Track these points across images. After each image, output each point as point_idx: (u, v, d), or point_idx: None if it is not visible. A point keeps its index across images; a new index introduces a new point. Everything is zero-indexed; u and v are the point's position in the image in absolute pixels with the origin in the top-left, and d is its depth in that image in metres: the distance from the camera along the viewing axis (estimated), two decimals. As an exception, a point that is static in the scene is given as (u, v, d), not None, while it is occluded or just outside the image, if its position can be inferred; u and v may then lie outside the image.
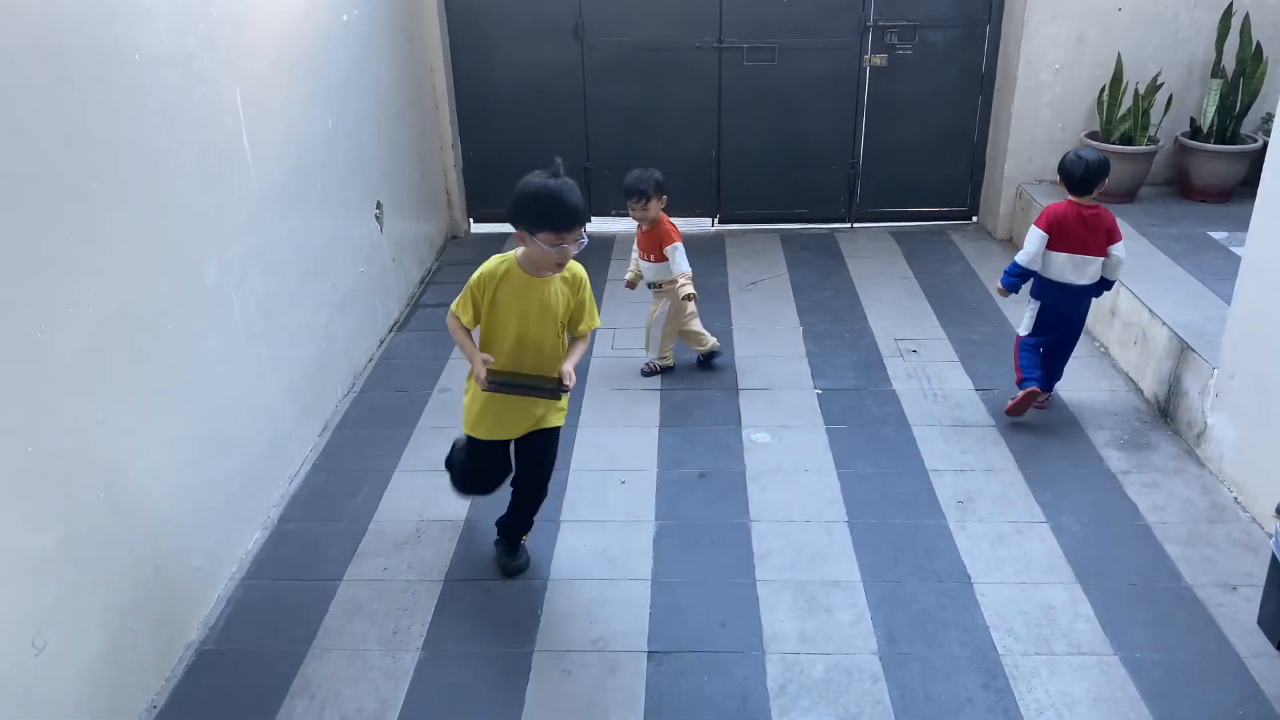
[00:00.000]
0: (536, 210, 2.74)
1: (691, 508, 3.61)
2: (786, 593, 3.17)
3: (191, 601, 3.06)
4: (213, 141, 3.21)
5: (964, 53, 6.09)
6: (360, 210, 4.69)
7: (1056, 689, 2.77)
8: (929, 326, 4.98)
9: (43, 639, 2.35)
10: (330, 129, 4.27)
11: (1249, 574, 3.18)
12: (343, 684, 2.86)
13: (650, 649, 2.96)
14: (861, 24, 6.00)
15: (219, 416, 3.24)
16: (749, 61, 6.11)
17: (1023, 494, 3.63)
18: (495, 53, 6.14)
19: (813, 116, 6.25)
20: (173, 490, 2.94)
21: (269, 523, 3.57)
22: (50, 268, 2.39)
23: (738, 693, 2.79)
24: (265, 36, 3.65)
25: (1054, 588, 3.16)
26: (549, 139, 6.30)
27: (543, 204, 2.73)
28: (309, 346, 4.00)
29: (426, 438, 4.10)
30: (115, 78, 2.66)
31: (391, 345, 4.94)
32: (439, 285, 5.69)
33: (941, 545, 3.37)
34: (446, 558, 3.37)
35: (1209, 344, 3.84)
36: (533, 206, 2.75)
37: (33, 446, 2.32)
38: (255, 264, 3.49)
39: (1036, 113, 5.84)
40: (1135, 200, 5.65)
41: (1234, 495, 3.58)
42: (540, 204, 2.73)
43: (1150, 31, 5.63)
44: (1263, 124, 5.58)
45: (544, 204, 2.73)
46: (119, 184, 2.67)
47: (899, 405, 4.25)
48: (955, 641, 2.95)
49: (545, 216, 2.74)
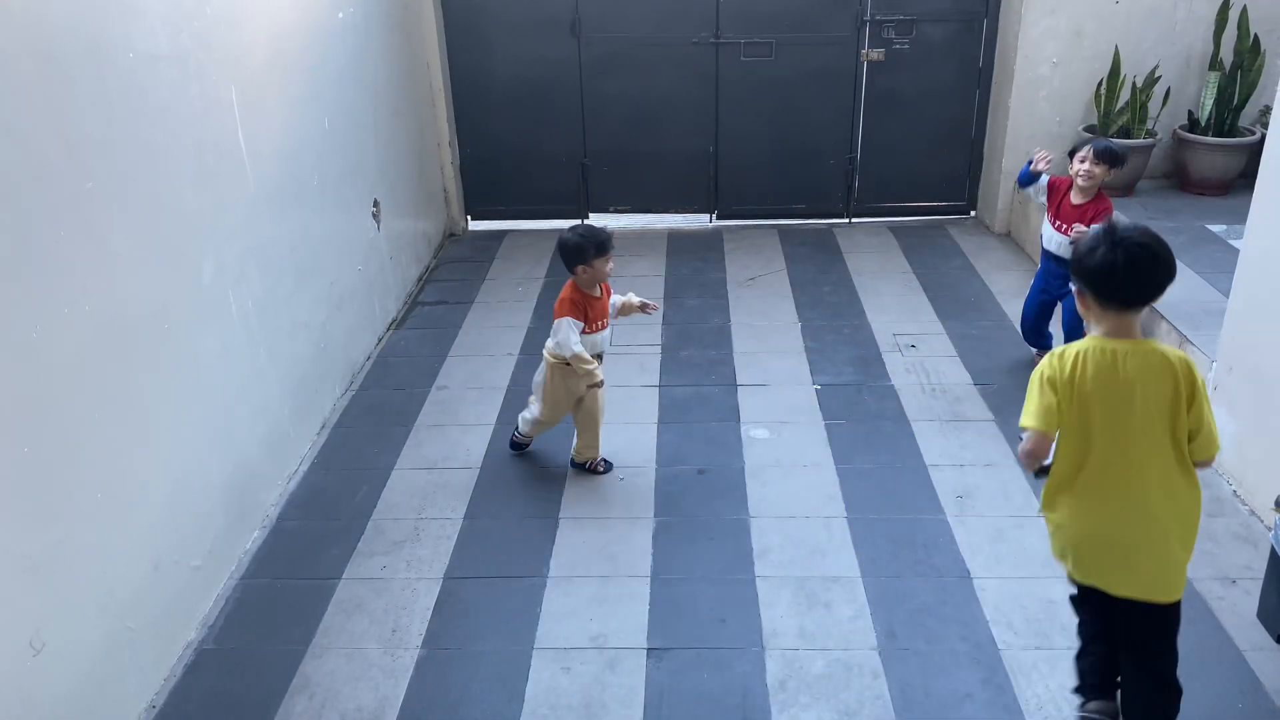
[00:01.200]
0: None
1: (690, 504, 3.61)
2: (786, 589, 3.17)
3: (190, 601, 3.06)
4: (209, 140, 3.20)
5: (961, 47, 6.08)
6: (357, 208, 4.68)
7: (1056, 683, 2.77)
8: (927, 321, 4.98)
9: (41, 639, 2.35)
10: (327, 127, 4.26)
11: (1248, 567, 3.18)
12: (342, 682, 2.86)
13: (650, 646, 2.96)
14: (859, 19, 5.99)
15: (217, 415, 3.23)
16: (746, 57, 6.10)
17: (1021, 488, 3.63)
18: (492, 49, 6.13)
19: (810, 112, 6.24)
20: (170, 489, 2.94)
21: (268, 521, 3.57)
22: (46, 267, 2.38)
23: (737, 689, 2.79)
24: (261, 34, 3.64)
25: (1053, 582, 3.16)
26: (546, 136, 6.30)
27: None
28: (307, 345, 4.00)
29: (425, 436, 4.10)
30: (110, 76, 2.66)
31: (389, 343, 4.94)
32: (437, 283, 5.69)
33: (940, 540, 3.37)
34: (445, 556, 3.37)
35: (1208, 337, 3.84)
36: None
37: (29, 446, 2.32)
38: (252, 262, 3.49)
39: (1034, 106, 5.84)
40: (1133, 193, 5.64)
41: (1233, 488, 3.57)
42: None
43: (1148, 24, 5.63)
44: (1260, 117, 5.57)
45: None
46: (115, 183, 2.67)
47: (898, 400, 4.25)
48: (955, 636, 2.95)
49: None
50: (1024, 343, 4.67)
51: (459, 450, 3.98)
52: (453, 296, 5.47)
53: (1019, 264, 5.68)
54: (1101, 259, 2.19)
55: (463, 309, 5.29)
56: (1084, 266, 2.24)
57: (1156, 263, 2.21)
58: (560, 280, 5.62)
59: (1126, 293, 2.24)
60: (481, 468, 3.86)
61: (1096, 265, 2.20)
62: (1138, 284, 2.23)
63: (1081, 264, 2.24)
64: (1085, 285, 2.26)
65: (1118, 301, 2.25)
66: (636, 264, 5.78)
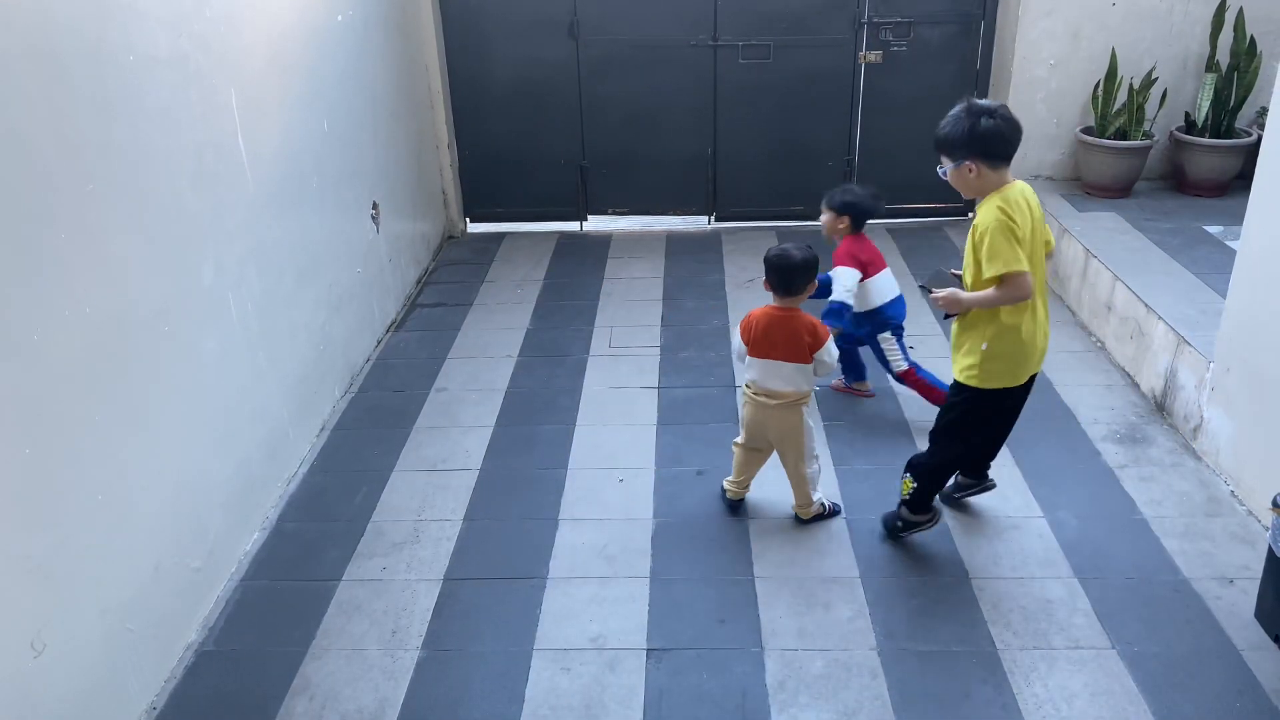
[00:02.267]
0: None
1: (689, 505, 3.62)
2: (785, 589, 3.17)
3: (191, 602, 3.06)
4: (209, 142, 3.21)
5: (959, 49, 6.09)
6: (356, 210, 4.69)
7: (1055, 683, 2.78)
8: (926, 323, 4.98)
9: (42, 641, 2.36)
10: (326, 129, 4.27)
11: (1246, 567, 3.19)
12: (342, 684, 2.86)
13: (649, 646, 2.96)
14: (856, 21, 6.00)
15: (217, 417, 3.24)
16: (744, 59, 6.11)
17: (1019, 488, 3.64)
18: (491, 52, 6.14)
19: (808, 114, 6.25)
20: (171, 491, 2.94)
21: (267, 523, 3.57)
22: (47, 269, 2.39)
23: (737, 690, 2.80)
24: (260, 36, 3.65)
25: (1051, 582, 3.17)
26: (545, 138, 6.31)
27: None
28: (306, 347, 4.00)
29: (424, 437, 4.10)
30: (110, 79, 2.66)
31: (389, 345, 4.94)
32: (436, 285, 5.69)
33: (938, 540, 3.37)
34: (445, 557, 3.38)
35: (1205, 338, 3.85)
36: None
37: (30, 449, 2.33)
38: (252, 264, 3.49)
39: (1032, 108, 5.84)
40: (1130, 195, 5.65)
41: (1231, 488, 3.58)
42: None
43: (1144, 26, 5.64)
44: (1257, 118, 5.58)
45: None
46: (115, 185, 2.67)
47: (896, 402, 4.25)
48: (953, 637, 2.96)
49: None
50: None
51: (458, 452, 3.98)
52: (452, 298, 5.47)
53: (1017, 265, 5.68)
54: (989, 127, 2.77)
55: (462, 311, 5.30)
56: (975, 136, 2.78)
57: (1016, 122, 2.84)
58: (560, 282, 5.66)
59: (1013, 147, 2.82)
60: (481, 469, 3.87)
61: (985, 132, 2.77)
62: (1018, 137, 2.82)
63: (971, 136, 2.78)
64: (977, 153, 2.80)
65: (1007, 157, 2.82)
66: (635, 266, 5.79)
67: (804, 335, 3.22)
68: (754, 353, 3.29)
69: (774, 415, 3.30)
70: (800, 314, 3.26)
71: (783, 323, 3.25)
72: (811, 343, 3.22)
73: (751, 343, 3.29)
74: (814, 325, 3.24)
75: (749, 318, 3.33)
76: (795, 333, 3.23)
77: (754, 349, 3.29)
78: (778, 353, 3.25)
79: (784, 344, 3.24)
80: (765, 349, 3.26)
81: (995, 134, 2.77)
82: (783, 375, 3.26)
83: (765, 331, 3.26)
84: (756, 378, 3.31)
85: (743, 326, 3.34)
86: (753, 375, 3.33)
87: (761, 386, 3.30)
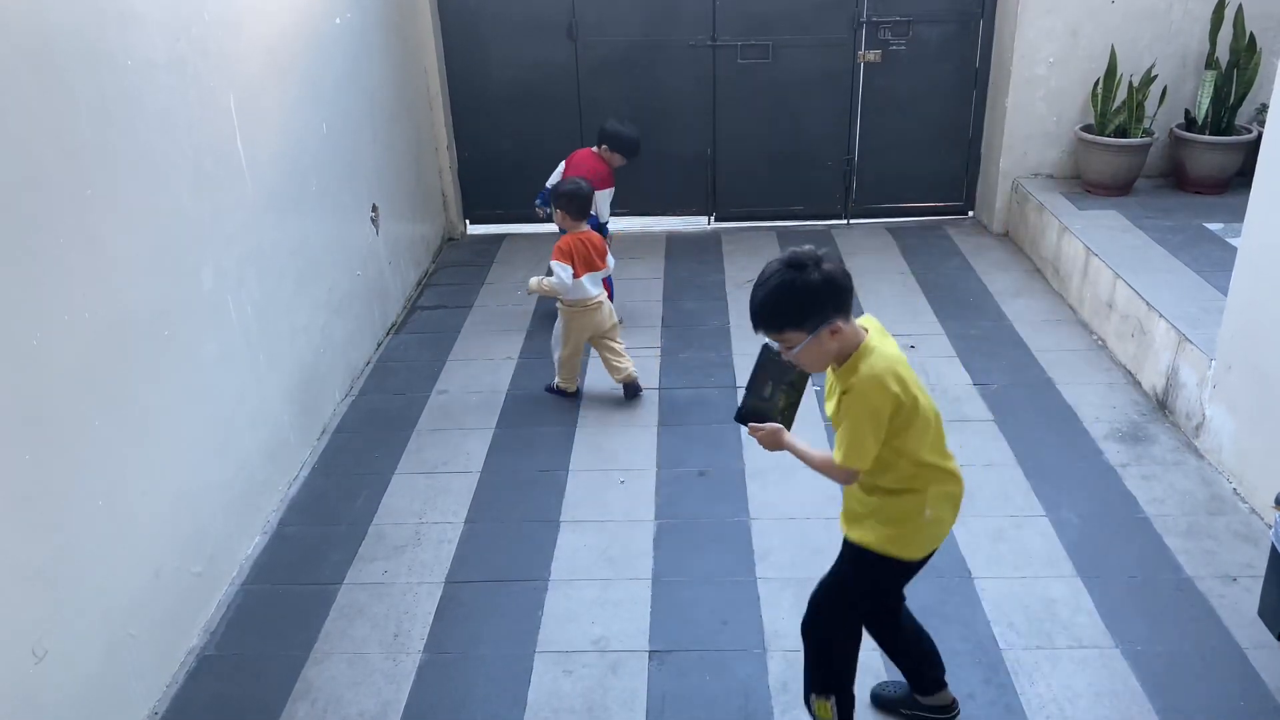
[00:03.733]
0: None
1: (691, 506, 3.61)
2: (788, 590, 3.17)
3: (192, 607, 3.06)
4: (207, 146, 3.21)
5: (958, 47, 6.09)
6: (356, 213, 4.69)
7: (1058, 682, 2.77)
8: (926, 322, 4.98)
9: (43, 647, 2.35)
10: (325, 132, 4.26)
11: (1249, 565, 3.18)
12: (344, 688, 2.85)
13: (651, 648, 2.96)
14: (855, 20, 6.00)
15: (217, 421, 3.23)
16: (743, 59, 6.11)
17: (1022, 488, 3.63)
18: (489, 53, 6.14)
19: (808, 113, 6.24)
20: (171, 496, 2.94)
21: (269, 527, 3.57)
22: (46, 274, 2.38)
23: (740, 691, 2.79)
24: (259, 40, 3.65)
25: (1054, 581, 3.16)
26: (544, 139, 6.29)
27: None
28: (306, 350, 4.00)
29: (425, 440, 4.10)
30: (109, 83, 2.66)
31: (389, 348, 4.94)
32: (435, 287, 5.69)
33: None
34: (446, 560, 3.37)
35: (1206, 335, 3.84)
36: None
37: (30, 454, 2.32)
38: (252, 268, 3.49)
39: (1031, 106, 5.84)
40: (1131, 193, 5.65)
41: (1233, 486, 3.58)
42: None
43: (1144, 24, 5.63)
44: (1257, 115, 5.58)
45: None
46: (114, 190, 2.67)
47: (897, 401, 4.24)
48: (956, 636, 2.95)
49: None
50: (1019, 342, 4.69)
51: (459, 454, 3.98)
52: (452, 301, 5.47)
53: (1017, 264, 5.68)
54: (833, 271, 2.17)
55: (462, 313, 5.29)
56: (834, 289, 2.16)
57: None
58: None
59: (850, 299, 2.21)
60: (482, 472, 3.86)
61: (836, 278, 2.16)
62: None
63: (830, 288, 2.15)
64: (838, 308, 2.17)
65: (849, 309, 2.22)
66: (635, 266, 5.78)
67: (601, 245, 4.25)
68: (587, 270, 4.16)
69: (602, 310, 4.25)
70: (589, 231, 4.25)
71: (590, 241, 4.19)
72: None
73: (583, 263, 4.14)
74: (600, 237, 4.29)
75: (566, 250, 4.12)
76: (599, 246, 4.24)
77: (586, 267, 4.16)
78: (599, 264, 4.21)
79: (599, 257, 4.21)
80: (592, 264, 4.19)
81: (843, 277, 2.19)
82: (598, 281, 4.23)
83: (587, 252, 4.16)
84: (595, 289, 4.20)
85: (568, 259, 4.11)
86: (593, 289, 4.19)
87: (589, 296, 4.19)
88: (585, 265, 4.16)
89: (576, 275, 4.12)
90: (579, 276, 4.13)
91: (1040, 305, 5.12)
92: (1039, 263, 5.58)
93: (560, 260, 4.11)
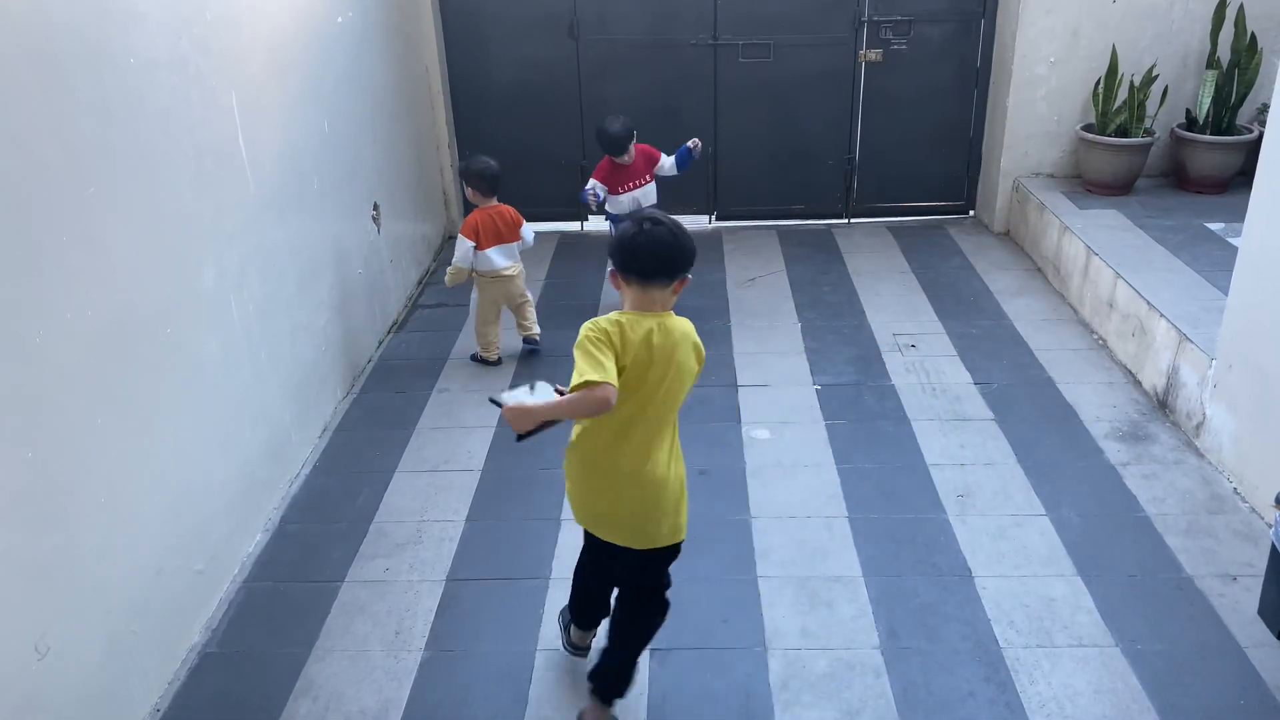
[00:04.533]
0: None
1: (692, 505, 3.58)
2: (788, 589, 3.17)
3: (194, 604, 3.07)
4: (209, 145, 3.21)
5: (959, 47, 6.09)
6: (357, 212, 4.69)
7: (1058, 681, 2.78)
8: (927, 321, 4.98)
9: (45, 644, 2.36)
10: (326, 130, 4.27)
11: (1249, 564, 3.19)
12: (346, 685, 2.86)
13: (652, 646, 2.95)
14: (856, 19, 6.00)
15: (219, 419, 3.24)
16: (744, 58, 6.11)
17: (1022, 487, 3.64)
18: (490, 52, 6.14)
19: (809, 113, 6.25)
20: (173, 493, 2.94)
21: (270, 525, 3.57)
22: (48, 273, 2.39)
23: (740, 689, 2.80)
24: (260, 39, 3.65)
25: (1054, 580, 3.17)
26: (545, 138, 6.30)
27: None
28: (308, 348, 4.00)
29: (426, 438, 4.10)
30: (110, 82, 2.66)
31: (390, 346, 4.95)
32: (437, 286, 5.69)
33: (942, 539, 3.37)
34: (448, 558, 3.38)
35: (1207, 335, 3.85)
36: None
37: (32, 452, 2.33)
38: (253, 267, 3.49)
39: (1032, 106, 5.85)
40: (1132, 192, 5.65)
41: (1233, 485, 3.58)
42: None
43: (1145, 23, 5.64)
44: (1258, 114, 5.58)
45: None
46: (115, 189, 2.67)
47: (898, 400, 4.25)
48: (957, 635, 2.96)
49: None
50: (1020, 341, 4.70)
51: (461, 452, 3.98)
52: (453, 299, 5.47)
53: (1018, 263, 5.69)
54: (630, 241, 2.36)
55: (463, 311, 5.29)
56: (618, 249, 2.40)
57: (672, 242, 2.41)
58: (561, 282, 5.65)
59: (645, 267, 2.38)
60: (483, 470, 3.87)
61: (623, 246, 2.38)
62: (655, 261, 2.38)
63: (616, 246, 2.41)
64: (615, 263, 2.42)
65: (637, 274, 2.38)
66: (636, 265, 5.77)
67: (513, 220, 4.57)
68: (496, 242, 4.51)
69: (513, 282, 4.64)
70: (504, 207, 4.56)
71: (500, 215, 4.53)
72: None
73: (491, 235, 4.49)
74: (513, 211, 4.59)
75: (470, 224, 4.48)
76: (508, 221, 4.56)
77: (494, 240, 4.50)
78: (508, 237, 4.54)
79: (507, 230, 4.55)
80: (500, 236, 4.53)
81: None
82: (509, 253, 4.57)
83: (495, 226, 4.51)
84: (504, 261, 4.57)
85: (471, 232, 4.46)
86: (501, 260, 4.55)
87: (499, 267, 4.56)
88: (493, 238, 4.51)
89: (481, 247, 4.49)
90: (484, 249, 4.49)
91: (1041, 304, 5.13)
92: (1040, 262, 5.58)
93: (463, 234, 4.50)
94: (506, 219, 4.56)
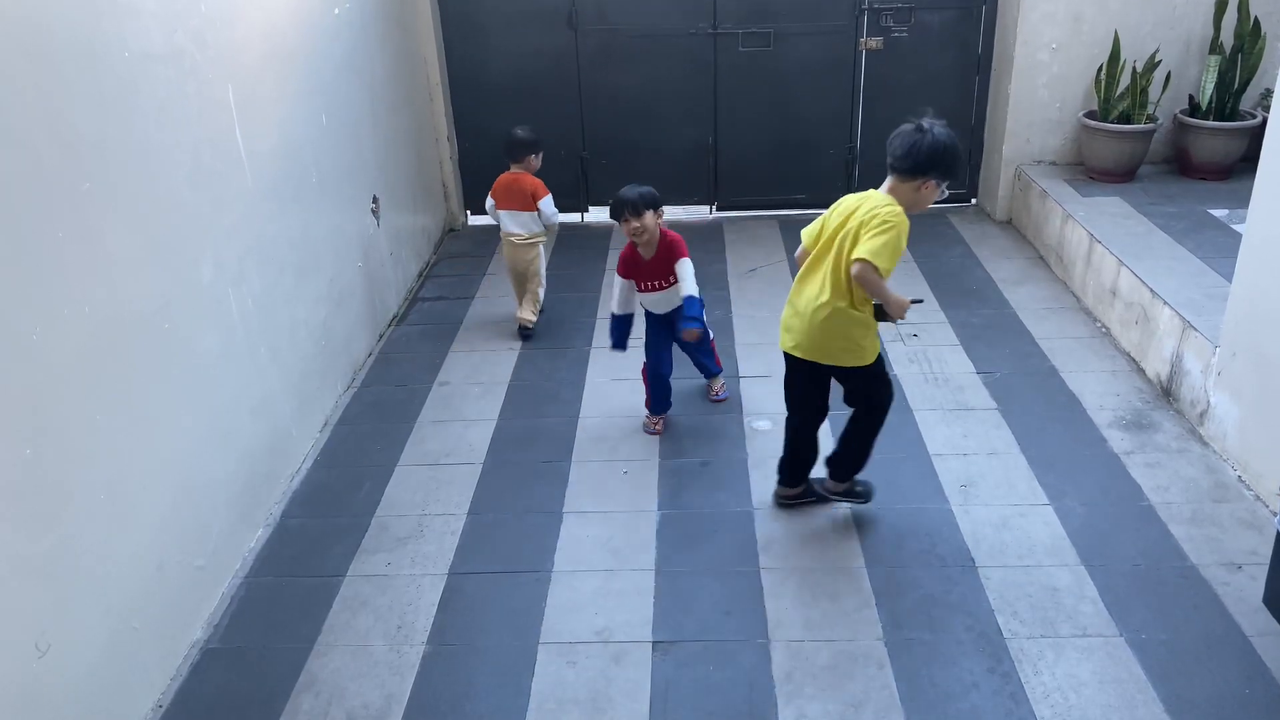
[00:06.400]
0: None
1: (694, 497, 3.61)
2: (791, 580, 3.17)
3: (195, 600, 3.06)
4: (206, 138, 3.19)
5: (960, 34, 6.06)
6: (356, 204, 4.67)
7: (1063, 671, 2.77)
8: (929, 310, 4.96)
9: (46, 641, 2.35)
10: (324, 123, 4.25)
11: (1254, 552, 3.17)
12: (348, 679, 2.86)
13: (655, 639, 2.96)
14: (856, 7, 5.97)
15: (219, 414, 3.23)
16: (744, 47, 6.08)
17: (1026, 476, 3.62)
18: (489, 43, 6.11)
19: (809, 101, 6.22)
20: (173, 489, 2.94)
21: (271, 520, 3.57)
22: (45, 268, 2.38)
23: (743, 681, 2.79)
24: (257, 31, 3.63)
25: (1058, 570, 3.16)
26: (545, 129, 6.21)
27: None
28: (307, 342, 3.99)
29: (428, 432, 4.09)
30: (106, 76, 2.65)
31: (391, 340, 4.93)
32: (437, 279, 5.68)
33: (945, 529, 3.36)
34: (450, 551, 3.37)
35: (1211, 322, 3.83)
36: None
37: (31, 449, 2.32)
38: (252, 261, 3.48)
39: (1034, 93, 5.81)
40: (1135, 179, 5.62)
41: (1238, 474, 3.57)
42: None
43: (1147, 9, 5.60)
44: (1262, 100, 5.54)
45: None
46: (112, 183, 2.66)
47: (901, 389, 4.23)
48: (960, 626, 2.95)
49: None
50: (1023, 329, 4.67)
51: (462, 446, 3.98)
52: (453, 292, 5.46)
53: (1021, 251, 5.66)
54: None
55: (463, 304, 5.29)
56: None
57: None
58: (562, 273, 5.63)
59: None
60: (485, 463, 3.86)
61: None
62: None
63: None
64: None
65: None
66: (637, 256, 5.76)
67: (528, 191, 4.65)
68: (501, 206, 4.71)
69: (519, 250, 4.75)
70: (526, 175, 4.68)
71: (515, 182, 4.66)
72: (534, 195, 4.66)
73: (500, 198, 4.70)
74: (536, 184, 4.67)
75: (497, 182, 4.70)
76: (523, 189, 4.64)
77: (502, 203, 4.70)
78: (514, 204, 4.67)
79: (518, 197, 4.66)
80: (510, 202, 4.69)
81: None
82: (519, 221, 4.69)
83: (506, 189, 4.69)
84: (509, 225, 4.72)
85: (492, 191, 4.72)
86: (506, 223, 4.73)
87: (508, 230, 4.73)
88: (504, 200, 4.72)
89: (499, 207, 4.75)
90: (500, 209, 4.75)
91: (1043, 293, 5.11)
92: (1042, 250, 5.56)
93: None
94: (516, 187, 4.67)
